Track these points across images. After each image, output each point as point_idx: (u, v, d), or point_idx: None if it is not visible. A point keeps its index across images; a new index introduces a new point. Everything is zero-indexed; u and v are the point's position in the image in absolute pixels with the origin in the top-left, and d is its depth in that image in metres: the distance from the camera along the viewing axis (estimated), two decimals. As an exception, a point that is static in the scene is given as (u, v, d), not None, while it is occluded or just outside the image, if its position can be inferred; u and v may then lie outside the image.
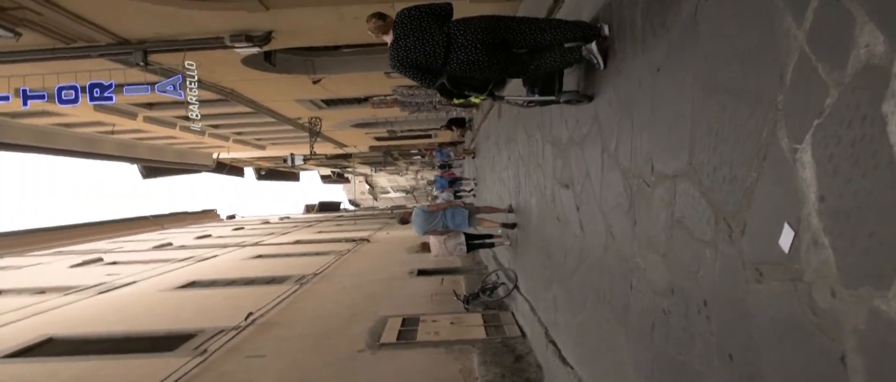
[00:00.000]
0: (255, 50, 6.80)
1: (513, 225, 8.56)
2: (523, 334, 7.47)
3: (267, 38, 6.53)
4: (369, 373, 6.52)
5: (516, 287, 8.41)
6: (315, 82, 9.82)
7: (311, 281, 12.75)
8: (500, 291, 9.17)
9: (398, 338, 7.65)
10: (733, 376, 2.17)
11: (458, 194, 17.14)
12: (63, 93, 6.80)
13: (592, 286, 4.12)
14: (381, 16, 3.62)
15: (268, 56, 8.13)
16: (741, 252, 2.06)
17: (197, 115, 7.26)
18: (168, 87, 6.75)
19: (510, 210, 8.86)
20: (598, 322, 4.02)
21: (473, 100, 3.95)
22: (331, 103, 13.56)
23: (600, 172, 3.81)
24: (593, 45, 3.45)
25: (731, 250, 2.13)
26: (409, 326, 8.24)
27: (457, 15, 3.50)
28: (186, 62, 6.65)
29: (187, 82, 6.78)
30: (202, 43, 6.49)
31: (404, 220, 8.79)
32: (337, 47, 8.61)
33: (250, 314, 9.02)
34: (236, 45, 6.50)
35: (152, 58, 6.70)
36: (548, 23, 3.56)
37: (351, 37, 6.97)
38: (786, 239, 1.78)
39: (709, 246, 2.29)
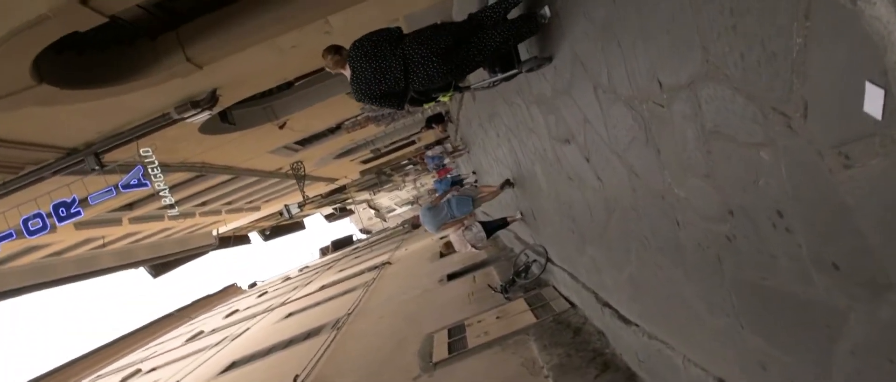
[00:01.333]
0: (206, 114, 6.40)
1: (508, 182, 8.83)
2: (572, 305, 7.06)
3: (213, 98, 6.13)
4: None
5: (549, 260, 8.01)
6: (281, 127, 9.42)
7: (346, 322, 12.39)
8: (535, 269, 8.77)
9: (450, 352, 7.26)
10: (846, 286, 1.76)
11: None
12: (29, 223, 6.44)
13: (631, 235, 3.71)
14: (336, 50, 3.59)
15: (224, 116, 7.74)
16: (811, 139, 1.65)
17: (170, 201, 6.88)
18: (132, 182, 6.38)
19: (507, 183, 8.94)
20: (651, 271, 3.61)
21: (443, 99, 3.96)
22: (305, 143, 13.17)
23: (600, 113, 3.40)
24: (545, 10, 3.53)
25: (796, 142, 1.71)
26: (456, 335, 7.85)
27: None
28: (141, 151, 6.27)
29: (149, 170, 6.41)
30: (149, 125, 6.10)
31: (415, 224, 9.35)
32: (289, 84, 8.21)
33: (296, 377, 8.65)
34: (185, 115, 6.11)
35: (106, 158, 6.33)
36: (491, 11, 3.54)
37: (297, 67, 6.56)
38: (873, 101, 1.37)
39: (764, 146, 1.88)
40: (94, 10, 3.86)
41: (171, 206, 7.00)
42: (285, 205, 18.09)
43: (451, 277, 12.76)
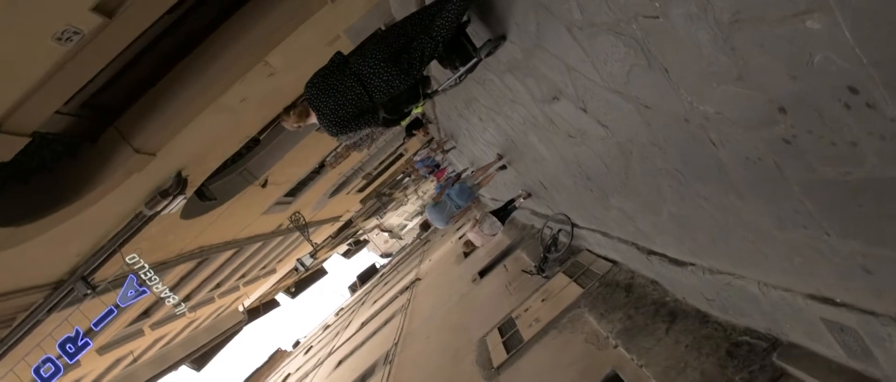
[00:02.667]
0: (180, 200, 6.01)
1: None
2: (614, 262, 6.65)
3: (180, 181, 5.74)
4: (504, 407, 5.75)
5: (574, 225, 7.59)
6: (263, 186, 9.04)
7: (396, 352, 12.00)
8: (562, 238, 8.35)
9: (508, 351, 6.85)
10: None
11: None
12: (42, 371, 6.08)
13: (658, 173, 3.30)
14: (291, 106, 3.48)
15: (202, 195, 7.35)
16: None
17: (174, 300, 6.51)
18: (129, 294, 6.01)
19: (500, 158, 8.88)
20: (693, 205, 3.20)
21: (416, 111, 3.91)
22: (295, 192, 12.78)
23: (583, 54, 2.99)
24: None
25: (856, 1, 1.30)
26: (508, 332, 7.44)
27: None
28: (127, 259, 5.89)
29: (143, 276, 6.04)
30: (126, 231, 5.72)
31: (425, 225, 9.59)
32: (256, 140, 7.81)
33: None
34: (158, 209, 5.72)
35: (95, 278, 5.96)
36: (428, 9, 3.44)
37: (255, 121, 6.16)
38: None
39: (810, 13, 1.47)
40: (11, 133, 3.49)
41: (178, 305, 6.63)
42: (297, 260, 17.70)
43: (482, 274, 12.34)
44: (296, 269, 19.03)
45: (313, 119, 3.45)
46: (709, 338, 4.11)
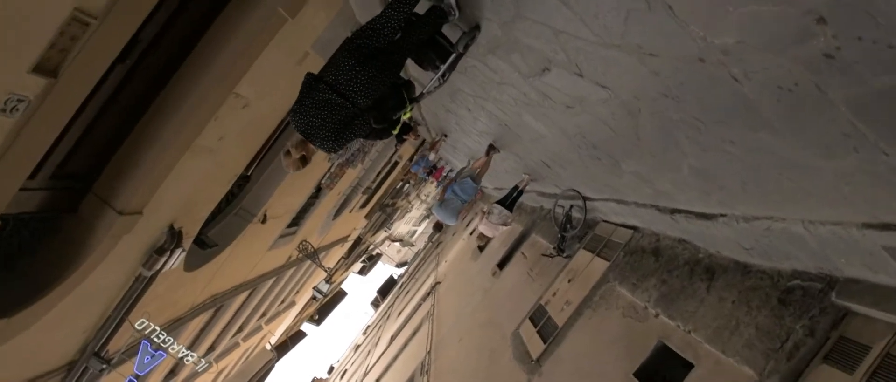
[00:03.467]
0: (179, 253, 5.76)
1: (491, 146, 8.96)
2: (635, 228, 6.37)
3: (175, 234, 5.48)
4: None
5: (585, 199, 7.32)
6: (263, 222, 8.77)
7: (430, 360, 11.76)
8: (576, 214, 8.08)
9: (544, 340, 6.57)
10: None
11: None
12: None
13: (673, 125, 3.02)
14: (287, 152, 3.43)
15: (202, 243, 7.10)
16: None
17: (193, 357, 6.27)
18: (145, 360, 5.76)
19: (491, 149, 8.96)
20: (718, 152, 2.92)
21: (405, 117, 3.92)
22: (297, 221, 12.51)
23: (570, 13, 2.72)
24: None
25: None
26: (541, 320, 7.17)
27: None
28: (136, 325, 5.64)
29: (156, 339, 5.79)
30: (129, 297, 5.46)
31: (437, 226, 9.62)
32: (246, 177, 7.55)
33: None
34: (157, 267, 5.46)
35: (108, 351, 5.71)
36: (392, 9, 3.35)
37: (239, 157, 5.89)
38: None
39: None
40: (-24, 223, 3.24)
41: (199, 361, 6.40)
42: (314, 288, 17.44)
43: (501, 265, 12.07)
44: (314, 298, 18.75)
45: (310, 151, 3.42)
46: (755, 290, 3.83)
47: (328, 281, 16.12)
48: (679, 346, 4.15)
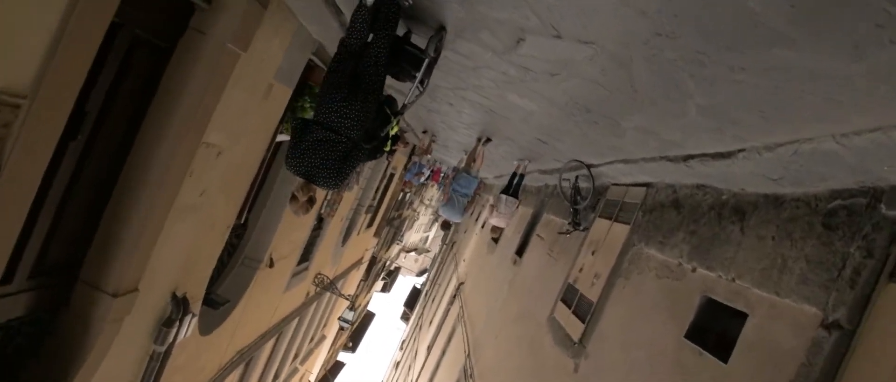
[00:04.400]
0: (190, 320, 5.50)
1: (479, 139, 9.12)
2: (647, 184, 6.10)
3: (180, 303, 5.22)
4: (602, 370, 5.19)
5: (589, 166, 7.04)
6: (271, 266, 8.52)
7: (472, 363, 11.51)
8: (582, 183, 7.80)
9: (582, 319, 6.29)
10: None
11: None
12: None
13: (673, 66, 2.74)
14: (293, 196, 3.55)
15: (211, 303, 6.84)
16: None
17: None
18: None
19: (480, 139, 9.03)
20: (727, 82, 2.65)
21: (393, 132, 4.10)
22: (306, 256, 12.25)
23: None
24: None
25: None
26: (573, 299, 6.89)
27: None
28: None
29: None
30: (148, 376, 5.20)
31: (445, 225, 11.56)
32: (243, 223, 7.29)
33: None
34: (169, 340, 5.21)
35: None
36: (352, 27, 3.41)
37: (227, 206, 5.62)
38: None
39: None
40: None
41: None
42: (339, 318, 17.21)
43: (519, 252, 11.81)
44: (342, 328, 18.52)
45: (315, 191, 3.53)
46: (794, 221, 3.55)
47: (352, 307, 15.86)
48: (726, 297, 3.86)
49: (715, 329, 3.98)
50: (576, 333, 6.20)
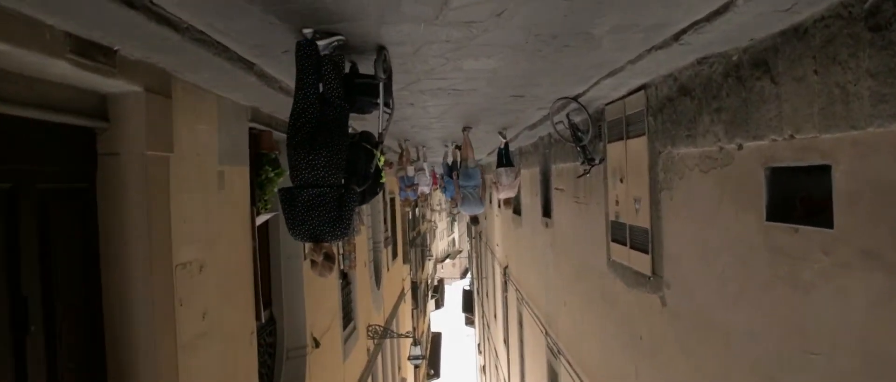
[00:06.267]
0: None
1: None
2: (643, 87, 5.57)
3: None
4: (692, 293, 4.67)
5: (576, 98, 6.49)
6: (317, 346, 8.00)
7: (553, 338, 11.03)
8: (577, 118, 7.27)
9: (646, 252, 5.75)
10: None
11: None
12: None
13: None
14: (313, 263, 3.53)
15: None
16: None
17: None
18: None
19: (465, 128, 9.02)
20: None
21: (380, 162, 4.06)
22: (348, 316, 11.71)
23: None
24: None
25: None
26: (624, 234, 6.34)
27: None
28: None
29: None
30: None
31: (474, 220, 11.39)
32: (265, 303, 6.75)
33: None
34: None
35: None
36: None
37: (239, 314, 5.12)
38: None
39: None
40: None
41: None
42: (408, 358, 16.76)
43: (546, 213, 11.28)
44: (415, 366, 18.06)
45: (330, 247, 3.51)
46: (832, 41, 2.99)
47: (416, 342, 15.39)
48: (794, 158, 3.31)
49: (797, 197, 3.43)
50: (645, 267, 5.66)
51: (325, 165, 3.26)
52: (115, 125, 3.42)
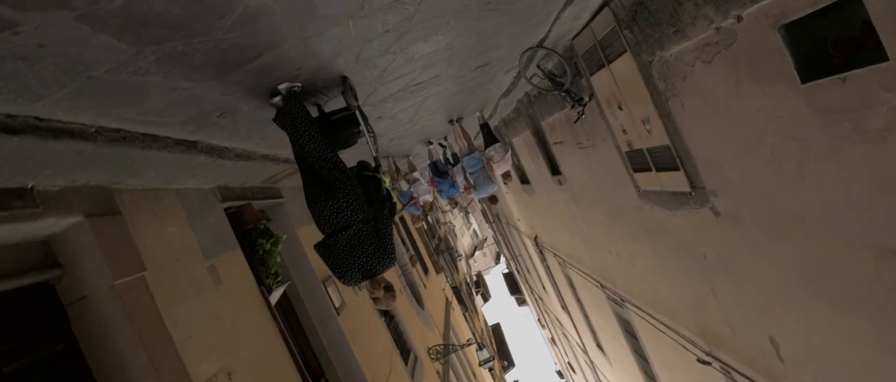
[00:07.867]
0: None
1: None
2: (606, 4, 5.09)
3: None
4: (745, 187, 4.22)
5: (541, 45, 6.03)
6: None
7: (612, 289, 10.59)
8: (551, 64, 6.80)
9: (676, 168, 5.29)
10: None
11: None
12: None
13: None
14: (375, 300, 3.59)
15: None
16: None
17: None
18: None
19: (451, 121, 9.11)
20: None
21: (386, 183, 4.26)
22: (404, 349, 11.29)
23: None
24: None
25: None
26: (643, 160, 5.91)
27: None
28: None
29: None
30: None
31: (492, 199, 12.36)
32: (318, 375, 6.33)
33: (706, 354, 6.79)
34: None
35: None
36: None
37: (282, 369, 4.68)
38: None
39: None
40: None
41: None
42: (480, 363, 16.37)
43: (554, 171, 10.84)
44: (490, 369, 17.67)
45: (386, 279, 3.59)
46: None
47: (480, 346, 14.97)
48: (809, 3, 2.84)
49: (827, 44, 2.97)
50: (682, 185, 5.19)
51: (347, 205, 3.31)
52: (70, 267, 2.99)
